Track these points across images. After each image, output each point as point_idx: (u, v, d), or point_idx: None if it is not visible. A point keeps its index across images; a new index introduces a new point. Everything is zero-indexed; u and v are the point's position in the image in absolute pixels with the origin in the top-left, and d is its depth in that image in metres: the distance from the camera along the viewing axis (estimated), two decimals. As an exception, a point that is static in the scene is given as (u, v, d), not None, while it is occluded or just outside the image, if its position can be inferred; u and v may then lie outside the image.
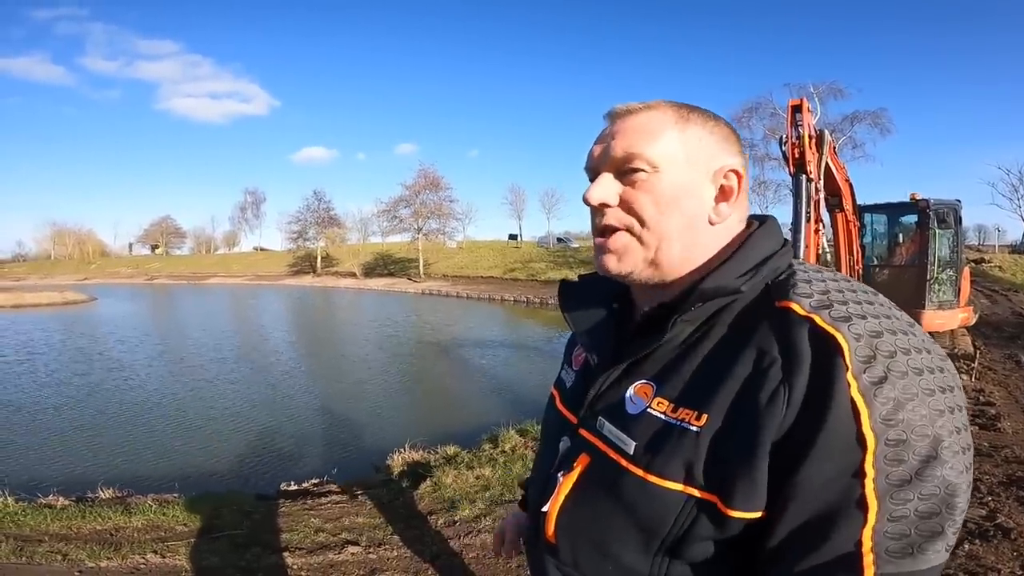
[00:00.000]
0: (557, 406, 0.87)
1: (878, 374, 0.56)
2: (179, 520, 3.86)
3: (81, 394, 10.24)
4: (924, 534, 0.55)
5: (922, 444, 0.55)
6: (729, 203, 0.72)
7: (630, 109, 0.73)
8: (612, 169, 0.73)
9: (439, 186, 44.92)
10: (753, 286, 0.67)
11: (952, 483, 0.55)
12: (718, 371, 0.63)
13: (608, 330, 0.80)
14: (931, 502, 0.55)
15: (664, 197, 0.70)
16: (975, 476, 4.02)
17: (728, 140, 0.74)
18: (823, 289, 0.64)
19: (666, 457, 0.63)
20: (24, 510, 3.98)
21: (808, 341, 0.59)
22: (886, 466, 0.55)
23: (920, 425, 0.55)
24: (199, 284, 50.39)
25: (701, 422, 0.62)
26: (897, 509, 0.55)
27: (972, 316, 9.61)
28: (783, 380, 0.58)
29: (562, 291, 0.88)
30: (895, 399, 0.56)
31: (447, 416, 8.83)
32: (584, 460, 0.74)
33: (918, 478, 0.55)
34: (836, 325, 0.59)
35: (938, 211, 8.89)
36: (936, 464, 0.55)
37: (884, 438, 0.55)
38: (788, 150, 5.98)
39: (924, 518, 0.55)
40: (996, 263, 24.98)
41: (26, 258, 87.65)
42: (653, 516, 0.64)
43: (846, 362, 0.56)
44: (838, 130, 28.71)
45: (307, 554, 3.37)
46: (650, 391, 0.69)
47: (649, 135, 0.70)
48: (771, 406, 0.58)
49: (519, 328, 20.67)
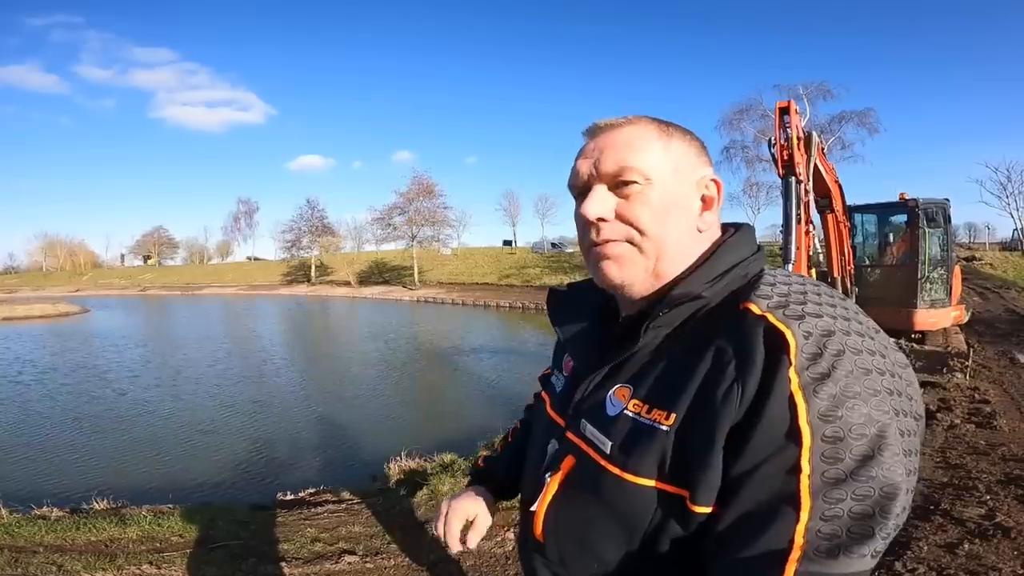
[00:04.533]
0: (547, 410, 0.89)
1: (821, 370, 0.57)
2: (175, 531, 3.83)
3: (76, 405, 10.16)
4: (854, 535, 0.54)
5: (860, 444, 0.55)
6: (712, 212, 0.75)
7: (612, 124, 0.75)
8: (605, 183, 0.73)
9: (433, 193, 44.90)
10: (718, 291, 0.69)
11: (889, 484, 0.55)
12: (684, 372, 0.65)
13: (593, 337, 0.82)
14: (865, 503, 0.54)
15: (659, 208, 0.71)
16: (974, 476, 4.04)
17: (702, 153, 0.77)
18: (784, 292, 0.65)
19: (639, 456, 0.66)
20: (18, 522, 3.95)
21: (762, 338, 0.60)
22: (822, 463, 0.55)
23: (859, 424, 0.56)
24: (192, 295, 50.09)
25: (670, 421, 0.64)
26: (830, 508, 0.55)
27: (964, 314, 9.66)
28: (737, 378, 0.60)
29: (550, 301, 0.91)
30: (835, 395, 0.56)
31: (443, 424, 8.81)
32: (570, 461, 0.76)
33: (853, 477, 0.55)
34: (787, 322, 0.60)
35: (927, 210, 8.95)
36: (873, 464, 0.55)
37: (821, 434, 0.55)
38: (777, 152, 6.01)
39: (856, 519, 0.54)
40: (987, 261, 25.13)
41: (17, 270, 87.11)
42: (630, 513, 0.66)
43: (790, 357, 0.58)
44: (827, 130, 28.89)
45: (304, 564, 3.35)
46: (628, 393, 0.71)
47: (638, 148, 0.72)
48: (726, 403, 0.60)
49: (514, 334, 20.65)
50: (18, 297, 48.10)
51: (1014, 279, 20.77)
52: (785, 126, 5.95)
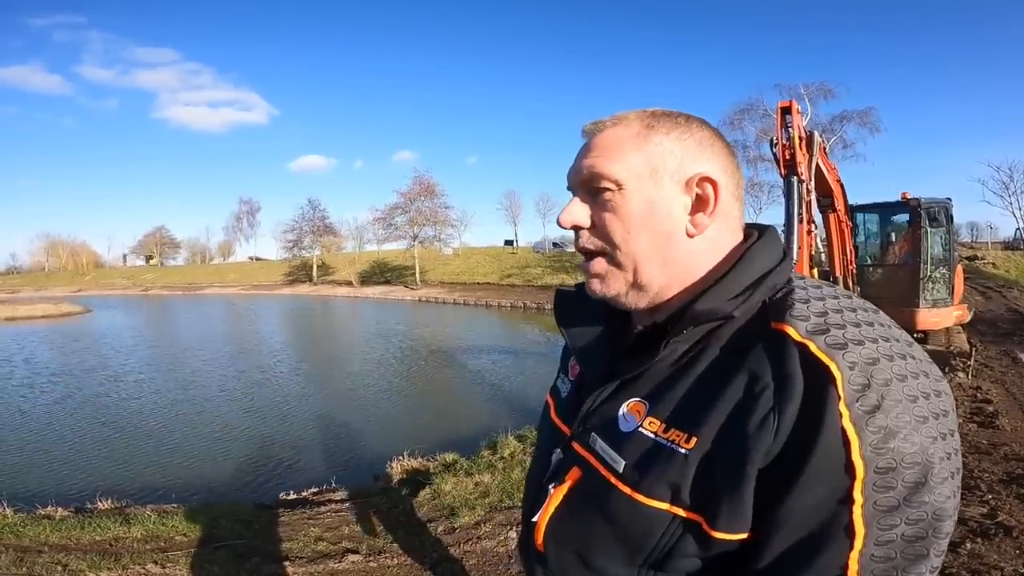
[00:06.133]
0: (551, 416, 0.86)
1: (871, 403, 0.56)
2: (179, 530, 3.85)
3: (78, 405, 10.19)
4: (909, 557, 0.55)
5: (911, 472, 0.55)
6: (707, 213, 0.69)
7: (597, 127, 0.72)
8: (583, 189, 0.72)
9: (434, 193, 44.88)
10: (748, 309, 0.65)
11: (940, 508, 0.55)
12: (710, 394, 0.63)
13: (603, 345, 0.79)
14: (918, 527, 0.55)
15: (632, 217, 0.68)
16: (976, 475, 4.04)
17: (701, 145, 0.70)
18: (821, 310, 0.62)
19: (654, 477, 0.63)
20: (23, 521, 3.97)
21: (801, 368, 0.58)
22: (874, 493, 0.55)
23: (911, 453, 0.55)
24: (194, 295, 50.17)
25: (690, 444, 0.62)
26: (884, 534, 0.55)
27: (967, 314, 9.65)
28: (774, 407, 0.58)
29: (558, 303, 0.87)
30: (887, 428, 0.55)
31: (445, 423, 8.82)
32: (575, 474, 0.73)
33: (906, 504, 0.55)
34: (831, 354, 0.58)
35: (929, 209, 8.94)
36: (925, 490, 0.55)
37: (874, 466, 0.55)
38: (779, 152, 6.01)
39: (910, 542, 0.55)
40: (989, 260, 25.10)
41: (20, 270, 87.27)
42: (638, 533, 0.64)
43: (839, 391, 0.56)
44: (828, 130, 28.85)
45: (307, 563, 3.37)
46: (643, 410, 0.68)
47: (612, 152, 0.69)
48: (760, 432, 0.58)
49: (516, 334, 20.64)
50: (20, 297, 48.24)
51: (1016, 278, 20.75)
52: (787, 126, 5.96)
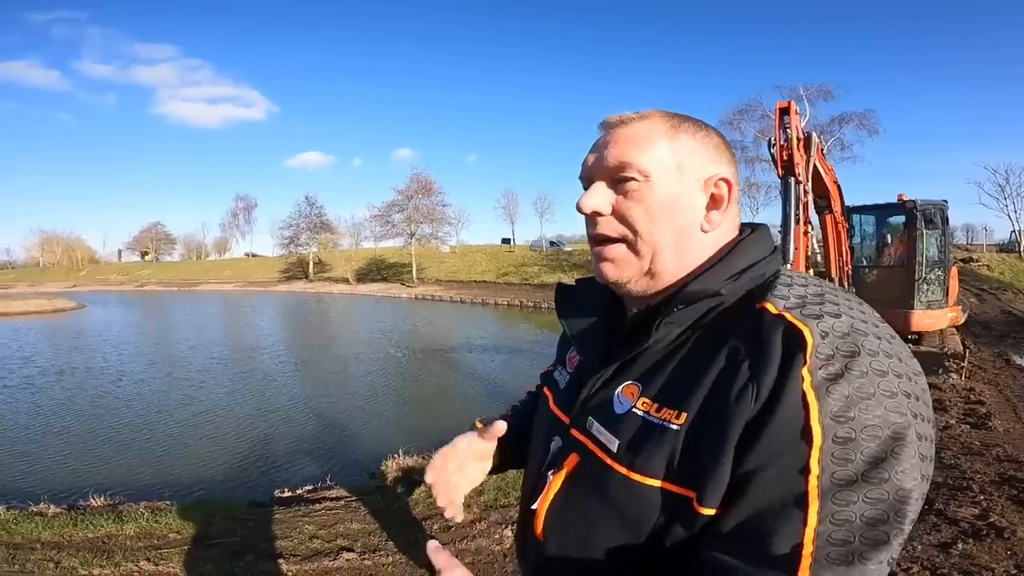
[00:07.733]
0: (550, 406, 0.88)
1: (834, 370, 0.57)
2: (172, 528, 3.84)
3: (71, 401, 10.14)
4: (868, 542, 0.53)
5: (871, 444, 0.55)
6: (720, 211, 0.73)
7: (623, 119, 0.74)
8: (605, 178, 0.74)
9: (432, 191, 44.84)
10: (735, 289, 0.68)
11: (902, 489, 0.54)
12: (696, 370, 0.65)
13: (601, 333, 0.82)
14: (878, 508, 0.54)
15: (656, 206, 0.71)
16: (968, 476, 4.07)
17: (719, 149, 0.75)
18: (801, 293, 0.65)
19: (647, 455, 0.65)
20: (15, 518, 3.95)
21: (780, 338, 0.60)
22: (832, 464, 0.54)
23: (872, 425, 0.55)
24: (190, 291, 50.00)
25: (681, 420, 0.63)
26: (841, 511, 0.54)
27: (961, 315, 9.71)
28: (752, 376, 0.59)
29: (559, 296, 0.91)
30: (848, 396, 0.56)
31: (441, 421, 8.80)
32: (574, 459, 0.75)
33: (864, 480, 0.54)
34: (804, 321, 0.60)
35: (925, 211, 8.98)
36: (885, 467, 0.54)
37: (832, 434, 0.55)
38: (776, 153, 6.03)
39: (870, 525, 0.54)
40: (984, 262, 25.24)
41: (14, 265, 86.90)
42: (635, 513, 0.65)
43: (806, 356, 0.57)
44: (826, 131, 28.95)
45: (302, 561, 3.36)
46: (636, 391, 0.70)
47: (641, 144, 0.71)
48: (740, 402, 0.59)
49: (513, 332, 20.63)
50: (14, 292, 47.92)
51: (1011, 281, 20.87)
52: (785, 127, 5.98)
